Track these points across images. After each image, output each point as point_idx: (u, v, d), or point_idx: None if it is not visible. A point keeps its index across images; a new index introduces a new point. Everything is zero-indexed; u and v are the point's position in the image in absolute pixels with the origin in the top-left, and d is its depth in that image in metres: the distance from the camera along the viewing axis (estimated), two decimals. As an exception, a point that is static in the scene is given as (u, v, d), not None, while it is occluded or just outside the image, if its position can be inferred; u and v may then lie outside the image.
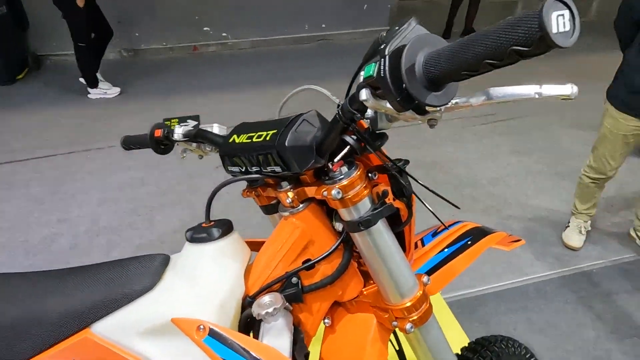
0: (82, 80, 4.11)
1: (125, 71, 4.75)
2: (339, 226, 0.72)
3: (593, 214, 2.34)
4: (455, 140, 3.38)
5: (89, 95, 4.15)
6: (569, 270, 2.21)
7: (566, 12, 0.37)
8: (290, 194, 0.67)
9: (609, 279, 2.17)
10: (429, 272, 0.87)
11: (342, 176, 0.63)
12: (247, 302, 0.69)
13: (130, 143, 0.98)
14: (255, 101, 4.03)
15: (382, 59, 0.48)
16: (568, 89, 0.47)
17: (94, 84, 4.08)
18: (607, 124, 2.02)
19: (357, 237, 0.68)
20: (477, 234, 0.97)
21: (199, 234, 0.69)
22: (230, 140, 0.72)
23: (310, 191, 0.67)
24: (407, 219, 0.71)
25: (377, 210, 0.65)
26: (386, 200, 0.66)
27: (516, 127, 3.57)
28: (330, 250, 0.70)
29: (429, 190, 0.68)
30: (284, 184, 0.69)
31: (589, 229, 2.38)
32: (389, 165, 0.66)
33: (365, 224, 0.64)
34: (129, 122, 3.73)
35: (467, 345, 1.14)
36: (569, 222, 2.39)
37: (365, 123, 0.62)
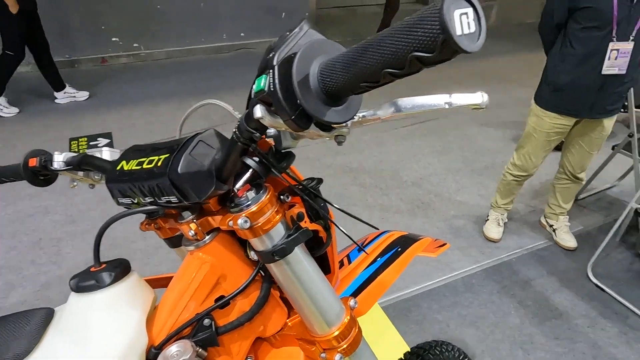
0: None
1: (24, 88, 4.27)
2: (253, 255, 0.64)
3: (510, 208, 2.49)
4: (378, 144, 3.45)
5: (56, 101, 3.97)
6: (492, 261, 2.33)
7: (470, 11, 0.32)
8: (193, 226, 0.59)
9: (526, 266, 2.31)
10: (358, 290, 0.82)
11: (250, 202, 0.55)
12: (152, 354, 0.59)
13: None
14: (174, 115, 3.82)
15: (271, 70, 0.42)
16: (478, 98, 0.44)
17: (61, 87, 3.95)
18: (532, 123, 2.15)
19: (274, 268, 0.61)
20: (404, 242, 0.95)
21: (86, 282, 0.58)
22: (118, 167, 0.62)
23: (215, 221, 0.59)
24: (327, 241, 0.66)
25: (292, 237, 0.58)
26: (302, 223, 0.60)
27: (434, 128, 3.73)
28: (245, 284, 0.62)
29: (346, 213, 0.63)
30: (186, 214, 0.60)
31: (506, 220, 2.53)
32: (299, 187, 0.60)
33: (281, 253, 0.58)
34: (27, 144, 3.34)
35: (404, 355, 1.12)
36: (488, 215, 2.52)
37: (269, 141, 0.56)
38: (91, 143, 3.32)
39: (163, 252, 2.32)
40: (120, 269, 0.60)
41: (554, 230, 2.48)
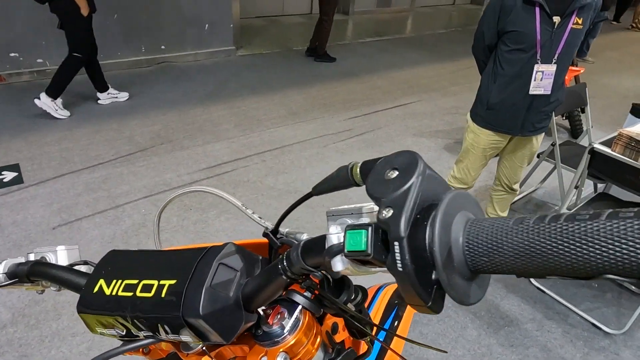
0: None
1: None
2: None
3: (453, 218, 2.57)
4: (320, 160, 3.42)
5: (35, 100, 3.67)
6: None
7: None
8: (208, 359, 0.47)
9: (475, 276, 2.40)
10: None
11: (286, 332, 0.45)
12: None
13: None
14: (92, 139, 3.45)
15: (399, 244, 0.32)
16: None
17: (57, 94, 3.72)
18: (469, 139, 2.24)
19: None
20: (400, 296, 0.89)
21: None
22: (96, 290, 0.48)
23: (233, 352, 0.48)
24: (367, 353, 0.56)
25: None
26: (335, 337, 0.51)
27: (371, 140, 3.79)
28: None
29: (410, 341, 0.53)
30: (193, 343, 0.48)
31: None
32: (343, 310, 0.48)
33: None
34: None
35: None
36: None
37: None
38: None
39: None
40: None
41: (494, 238, 2.61)
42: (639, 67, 6.65)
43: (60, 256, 0.59)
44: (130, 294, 0.45)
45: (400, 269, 0.32)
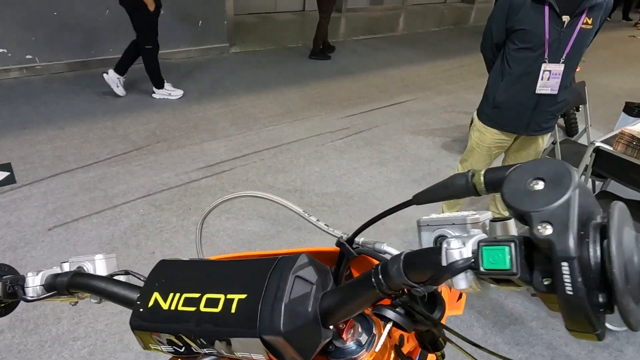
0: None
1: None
2: None
3: (457, 217, 2.57)
4: (319, 159, 3.39)
5: (153, 95, 4.17)
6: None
7: None
8: None
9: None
10: None
11: (364, 348, 0.43)
12: None
13: None
14: (86, 137, 3.37)
15: (569, 265, 0.29)
16: None
17: (161, 84, 4.15)
18: (475, 137, 2.23)
19: None
20: None
21: None
22: (151, 304, 0.45)
23: None
24: None
25: None
26: (402, 349, 0.49)
27: (369, 138, 3.77)
28: None
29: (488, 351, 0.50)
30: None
31: (453, 230, 2.61)
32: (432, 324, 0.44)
33: None
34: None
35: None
36: (436, 227, 2.59)
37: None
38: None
39: (97, 305, 2.01)
40: None
41: (496, 236, 2.62)
42: (629, 67, 6.75)
43: (99, 266, 0.56)
44: (192, 308, 0.42)
45: (571, 293, 0.29)
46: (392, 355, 0.44)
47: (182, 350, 0.44)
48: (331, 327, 0.42)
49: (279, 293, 0.39)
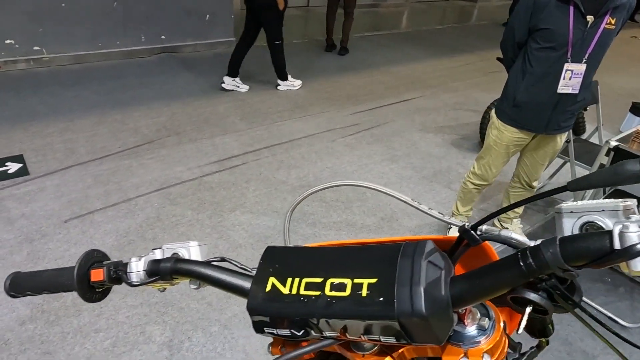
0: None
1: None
2: None
3: (470, 214, 2.59)
4: (330, 154, 3.40)
5: (278, 88, 4.53)
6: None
7: None
8: None
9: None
10: None
11: (487, 333, 0.44)
12: None
13: (29, 288, 0.59)
14: (96, 130, 3.36)
15: None
16: None
17: (285, 77, 4.51)
18: (493, 135, 2.24)
19: None
20: None
21: None
22: (268, 289, 0.45)
23: (420, 352, 0.46)
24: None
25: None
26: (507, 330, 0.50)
27: (379, 135, 3.78)
28: None
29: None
30: (368, 344, 0.46)
31: (467, 227, 2.64)
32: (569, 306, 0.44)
33: None
34: None
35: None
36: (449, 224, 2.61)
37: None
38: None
39: (117, 297, 2.01)
40: None
41: (509, 233, 2.64)
42: (632, 67, 6.80)
43: (194, 252, 0.57)
44: (316, 292, 0.43)
45: None
46: (504, 340, 0.45)
47: (300, 333, 0.44)
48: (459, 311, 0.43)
49: (415, 277, 0.40)
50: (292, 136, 3.59)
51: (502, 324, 0.45)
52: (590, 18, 1.82)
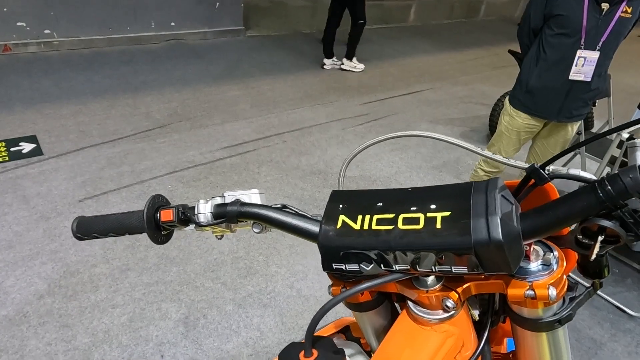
0: None
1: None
2: (475, 314, 0.55)
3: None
4: (340, 143, 3.42)
5: (342, 67, 4.91)
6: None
7: None
8: (454, 296, 0.48)
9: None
10: None
11: (551, 267, 0.46)
12: None
13: (97, 230, 0.62)
14: (108, 114, 3.38)
15: None
16: None
17: (352, 56, 4.90)
18: (505, 122, 2.25)
19: (534, 337, 0.52)
20: None
21: None
22: (339, 226, 0.48)
23: (485, 287, 0.48)
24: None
25: (577, 300, 0.50)
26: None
27: (388, 125, 3.80)
28: (478, 352, 0.53)
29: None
30: (431, 279, 0.48)
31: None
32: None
33: (566, 319, 0.49)
34: None
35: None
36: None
37: None
38: (12, 149, 2.80)
39: (133, 274, 2.04)
40: (340, 353, 0.47)
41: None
42: (637, 64, 6.79)
43: (254, 199, 0.59)
44: (389, 227, 0.45)
45: None
46: (565, 279, 0.47)
47: (369, 268, 0.47)
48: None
49: (491, 208, 0.42)
50: (302, 124, 3.61)
51: (564, 264, 0.47)
52: (605, 6, 1.83)
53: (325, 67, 4.86)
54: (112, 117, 3.34)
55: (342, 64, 4.91)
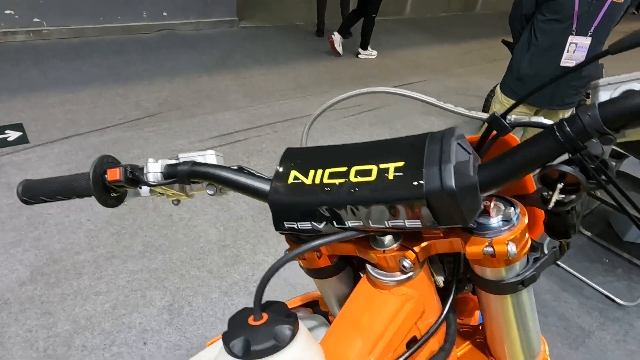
0: None
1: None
2: (440, 280, 0.52)
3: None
4: (332, 134, 3.39)
5: (359, 56, 5.20)
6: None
7: None
8: (411, 255, 0.45)
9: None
10: None
11: (511, 223, 0.43)
12: None
13: (43, 193, 0.59)
14: (97, 102, 3.33)
15: None
16: None
17: (367, 46, 5.21)
18: (495, 109, 2.23)
19: (499, 300, 0.49)
20: None
21: (262, 343, 0.41)
22: (290, 181, 0.45)
23: (443, 246, 0.46)
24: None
25: (542, 261, 0.47)
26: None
27: (381, 117, 3.77)
28: (440, 321, 0.50)
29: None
30: (388, 239, 0.46)
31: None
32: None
33: (530, 280, 0.47)
34: None
35: None
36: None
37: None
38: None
39: (118, 262, 2.01)
40: (292, 316, 0.44)
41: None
42: (633, 60, 6.78)
43: (209, 160, 0.56)
44: (341, 180, 0.43)
45: None
46: (527, 237, 0.45)
47: (322, 226, 0.44)
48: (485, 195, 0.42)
49: (445, 156, 0.40)
50: (294, 114, 3.58)
51: (525, 220, 0.44)
52: (598, -10, 1.81)
53: (359, 56, 5.20)
54: (100, 106, 3.30)
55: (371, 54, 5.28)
